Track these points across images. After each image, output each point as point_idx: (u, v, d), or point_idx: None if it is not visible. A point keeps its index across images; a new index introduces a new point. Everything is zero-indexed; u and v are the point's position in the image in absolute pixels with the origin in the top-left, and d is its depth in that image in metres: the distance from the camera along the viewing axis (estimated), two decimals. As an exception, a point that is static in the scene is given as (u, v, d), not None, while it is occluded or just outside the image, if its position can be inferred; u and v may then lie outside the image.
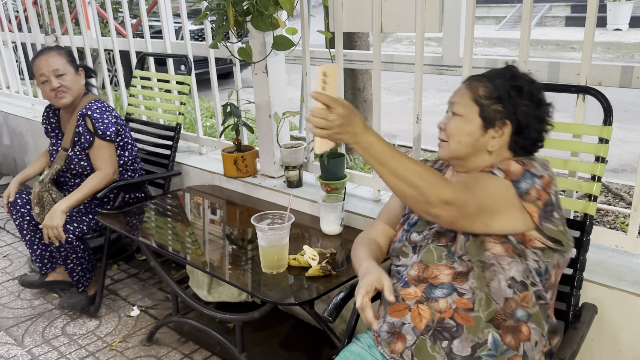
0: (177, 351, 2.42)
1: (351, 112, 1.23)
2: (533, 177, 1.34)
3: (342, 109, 1.22)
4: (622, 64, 1.79)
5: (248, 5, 2.24)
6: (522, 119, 1.41)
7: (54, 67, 2.53)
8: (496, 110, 1.41)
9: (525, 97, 1.42)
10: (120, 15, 5.33)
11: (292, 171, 2.52)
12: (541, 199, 1.33)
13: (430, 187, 1.22)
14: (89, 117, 2.55)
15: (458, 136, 1.44)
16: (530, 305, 1.35)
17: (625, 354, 1.68)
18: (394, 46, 11.36)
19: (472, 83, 1.47)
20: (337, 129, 1.22)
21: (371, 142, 1.24)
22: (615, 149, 4.73)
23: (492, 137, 1.43)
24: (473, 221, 1.29)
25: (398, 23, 2.04)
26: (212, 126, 5.02)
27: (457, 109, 1.46)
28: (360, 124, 1.24)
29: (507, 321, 1.33)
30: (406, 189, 1.24)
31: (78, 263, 2.59)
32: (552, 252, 1.38)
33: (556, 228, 1.35)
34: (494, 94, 1.42)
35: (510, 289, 1.34)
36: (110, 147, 2.61)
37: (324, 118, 1.21)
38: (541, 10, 12.09)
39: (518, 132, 1.42)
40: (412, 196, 1.24)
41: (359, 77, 3.99)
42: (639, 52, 9.33)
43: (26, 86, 4.62)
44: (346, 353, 1.49)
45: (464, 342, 1.32)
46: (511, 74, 1.45)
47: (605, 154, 1.63)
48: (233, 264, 2.00)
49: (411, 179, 1.23)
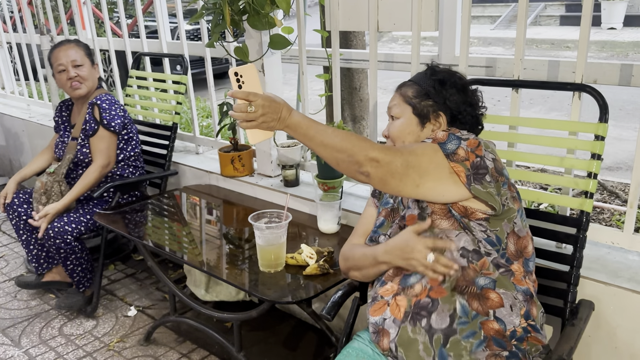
0: (174, 351, 2.42)
1: (271, 100, 1.33)
2: (459, 139, 1.41)
3: (261, 100, 1.32)
4: (617, 62, 1.79)
5: (244, 4, 2.24)
6: (453, 107, 1.51)
7: (73, 57, 2.64)
8: (427, 105, 1.51)
9: (450, 87, 1.52)
10: (116, 15, 5.32)
11: (289, 170, 2.52)
12: (469, 160, 1.38)
13: (356, 148, 1.32)
14: (98, 107, 2.62)
15: (401, 137, 1.53)
16: (491, 271, 1.38)
17: (622, 350, 1.69)
18: (390, 45, 11.37)
19: (401, 88, 1.58)
20: (261, 118, 1.33)
21: (298, 122, 1.35)
22: (610, 147, 4.75)
23: (432, 130, 1.52)
24: (402, 180, 1.35)
25: (394, 22, 2.04)
26: (208, 126, 5.01)
27: (394, 112, 1.56)
28: (284, 109, 1.34)
29: (470, 287, 1.36)
30: (336, 154, 1.34)
31: (78, 263, 2.59)
32: (497, 220, 1.40)
33: (484, 190, 1.37)
34: (422, 92, 1.53)
35: (463, 258, 1.38)
36: (112, 139, 2.65)
37: (244, 111, 1.31)
38: (536, 9, 12.13)
39: (453, 120, 1.52)
40: (342, 159, 1.34)
41: (355, 76, 3.99)
42: (633, 50, 9.37)
43: (21, 87, 4.61)
44: (349, 349, 1.51)
45: (442, 314, 1.35)
46: (432, 71, 1.56)
47: (602, 151, 1.63)
48: (230, 263, 2.00)
49: (338, 145, 1.33)
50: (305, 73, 2.46)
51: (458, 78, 1.55)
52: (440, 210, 1.41)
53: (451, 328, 1.33)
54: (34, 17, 4.05)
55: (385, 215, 1.59)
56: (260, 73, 2.49)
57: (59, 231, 2.48)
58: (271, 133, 1.40)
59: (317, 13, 2.35)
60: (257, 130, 1.37)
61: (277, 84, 2.57)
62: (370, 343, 1.52)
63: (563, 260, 1.67)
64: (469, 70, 1.99)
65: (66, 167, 2.67)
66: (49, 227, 2.48)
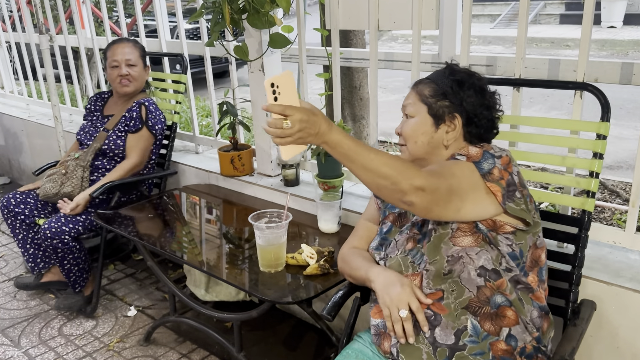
0: (174, 351, 2.41)
1: (310, 114, 1.21)
2: (493, 157, 1.39)
3: (299, 114, 1.20)
4: (618, 61, 1.79)
5: (244, 3, 2.23)
6: (469, 109, 1.47)
7: (128, 56, 2.73)
8: (443, 105, 1.47)
9: (468, 88, 1.47)
10: (115, 14, 5.31)
11: (289, 169, 2.51)
12: (504, 179, 1.37)
13: (401, 176, 1.24)
14: (146, 108, 2.69)
15: (414, 137, 1.49)
16: (508, 292, 1.37)
17: (624, 350, 1.68)
18: (389, 44, 11.37)
19: (418, 86, 1.54)
20: (297, 134, 1.21)
21: (337, 141, 1.24)
22: (610, 145, 4.71)
23: (446, 131, 1.48)
24: (446, 206, 1.32)
25: (394, 20, 2.03)
26: (208, 125, 5.00)
27: (408, 110, 1.52)
28: (324, 124, 1.23)
29: (484, 308, 1.35)
30: (378, 180, 1.26)
31: (75, 263, 2.58)
32: (523, 233, 1.40)
33: (518, 207, 1.38)
34: (438, 92, 1.48)
35: (480, 277, 1.36)
36: (150, 140, 2.72)
37: (279, 127, 1.20)
38: (536, 7, 12.13)
39: (469, 122, 1.48)
40: (385, 186, 1.26)
41: (355, 75, 3.98)
42: (633, 49, 9.37)
43: (21, 86, 4.60)
44: (348, 350, 1.50)
45: (445, 330, 1.34)
46: (450, 70, 1.52)
47: (603, 150, 1.63)
48: (230, 263, 2.00)
49: (381, 170, 1.24)
50: (305, 72, 2.45)
51: (477, 79, 1.51)
52: (467, 226, 1.39)
53: (457, 345, 1.33)
54: (33, 16, 4.04)
55: (393, 220, 1.58)
56: (261, 72, 2.48)
57: (57, 231, 2.47)
58: (305, 146, 1.30)
59: (317, 12, 2.34)
60: (291, 145, 1.25)
61: (277, 83, 2.56)
62: (370, 345, 1.51)
63: (564, 260, 1.67)
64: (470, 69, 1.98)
65: (92, 155, 2.69)
66: (47, 226, 2.47)
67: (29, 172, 4.20)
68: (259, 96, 2.55)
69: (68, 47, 3.82)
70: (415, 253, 1.46)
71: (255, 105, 2.60)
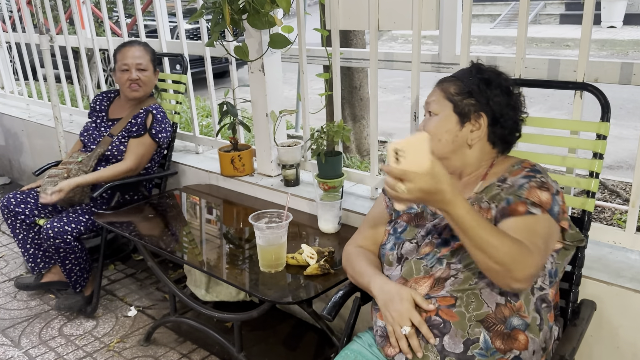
0: (175, 351, 2.41)
1: (436, 183, 1.15)
2: (557, 197, 1.37)
3: (420, 183, 1.15)
4: (619, 61, 1.79)
5: (244, 3, 2.23)
6: (495, 109, 1.45)
7: (138, 60, 2.66)
8: (469, 104, 1.45)
9: (495, 88, 1.46)
10: (115, 14, 5.31)
11: (289, 170, 2.51)
12: (566, 212, 1.40)
13: (518, 265, 1.21)
14: (153, 116, 2.65)
15: (437, 134, 1.46)
16: (527, 314, 1.35)
17: (624, 350, 1.68)
18: (389, 44, 11.37)
19: (443, 83, 1.52)
20: (415, 200, 1.19)
21: (459, 216, 1.20)
22: (610, 145, 4.70)
23: (470, 130, 1.46)
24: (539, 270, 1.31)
25: (395, 20, 2.03)
26: (208, 125, 5.01)
27: (432, 108, 1.50)
28: (448, 195, 1.17)
29: (498, 326, 1.33)
30: (490, 263, 1.22)
31: (76, 263, 2.58)
32: (566, 252, 1.43)
33: (574, 231, 1.41)
34: (464, 90, 1.46)
35: (502, 296, 1.34)
36: (151, 147, 2.68)
37: (393, 189, 1.17)
38: (536, 7, 12.13)
39: (494, 122, 1.46)
40: (496, 270, 1.23)
41: (355, 75, 3.99)
42: (633, 49, 9.37)
43: (21, 86, 4.60)
44: (347, 351, 1.49)
45: (454, 338, 1.32)
46: (477, 69, 1.50)
47: (603, 150, 1.63)
48: (231, 263, 2.00)
49: (499, 257, 1.21)
50: (305, 72, 2.45)
51: (504, 79, 1.49)
52: None
53: (465, 355, 1.31)
54: (33, 16, 4.05)
55: (408, 220, 1.55)
56: (261, 73, 2.48)
57: (59, 231, 2.47)
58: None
59: (317, 12, 2.34)
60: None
61: (278, 83, 2.57)
62: (369, 346, 1.50)
63: (565, 260, 1.67)
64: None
65: (95, 160, 2.67)
66: (49, 226, 2.47)
67: (29, 173, 4.21)
68: (259, 96, 2.56)
69: (68, 48, 3.83)
70: (431, 257, 1.43)
71: (255, 106, 2.60)
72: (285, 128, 2.70)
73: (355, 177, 2.45)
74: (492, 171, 1.49)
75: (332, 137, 2.30)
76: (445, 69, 2.23)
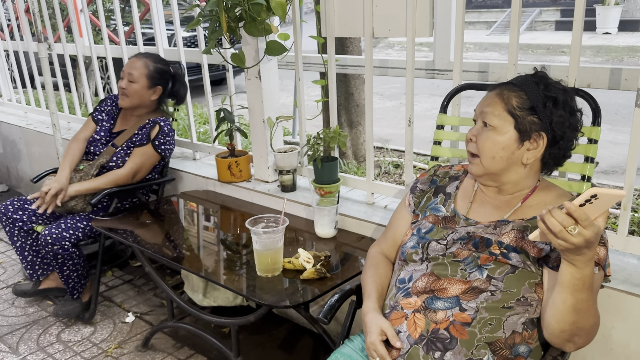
0: (172, 356, 2.42)
1: (595, 238, 1.11)
2: (605, 244, 1.34)
3: (590, 233, 1.09)
4: (608, 66, 1.81)
5: (241, 11, 2.25)
6: (557, 129, 1.37)
7: (131, 71, 2.69)
8: (532, 121, 1.36)
9: (561, 108, 1.37)
10: (113, 22, 5.34)
11: (286, 175, 2.53)
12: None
13: (591, 338, 1.25)
14: (160, 127, 2.66)
15: (492, 151, 1.39)
16: (534, 341, 1.36)
17: (617, 352, 1.70)
18: (386, 51, 11.41)
19: (503, 92, 1.41)
20: (571, 245, 1.11)
21: (587, 276, 1.18)
22: (605, 150, 4.77)
23: (527, 149, 1.39)
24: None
25: (389, 28, 2.06)
26: (205, 132, 5.02)
27: (489, 119, 1.40)
28: (590, 253, 1.14)
29: (504, 350, 1.32)
30: (572, 328, 1.24)
31: (74, 269, 2.59)
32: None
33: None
34: (527, 104, 1.37)
35: (522, 326, 1.34)
36: (153, 158, 2.69)
37: (563, 225, 1.09)
38: (531, 14, 12.20)
39: (553, 143, 1.38)
40: (570, 334, 1.25)
41: (351, 82, 4.01)
42: (628, 55, 9.42)
43: (19, 94, 4.62)
44: (337, 355, 1.49)
45: (457, 356, 1.30)
46: (545, 83, 1.39)
47: (595, 154, 1.65)
48: (228, 268, 2.01)
49: (585, 326, 1.24)
50: (301, 79, 2.48)
51: (570, 98, 1.40)
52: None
53: None
54: (31, 25, 4.06)
55: (434, 221, 1.52)
56: (257, 80, 2.50)
57: (57, 237, 2.48)
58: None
59: (313, 19, 2.37)
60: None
61: (274, 89, 2.59)
62: (360, 350, 1.50)
63: (558, 263, 1.68)
64: (463, 76, 2.01)
65: (96, 170, 2.68)
66: (47, 233, 2.48)
67: (27, 180, 4.22)
68: (256, 103, 2.58)
69: (66, 56, 3.84)
70: (470, 261, 1.39)
71: (252, 112, 2.63)
72: (282, 134, 2.72)
73: (351, 182, 2.47)
74: (536, 196, 1.44)
75: (328, 143, 2.33)
76: (439, 75, 2.26)
